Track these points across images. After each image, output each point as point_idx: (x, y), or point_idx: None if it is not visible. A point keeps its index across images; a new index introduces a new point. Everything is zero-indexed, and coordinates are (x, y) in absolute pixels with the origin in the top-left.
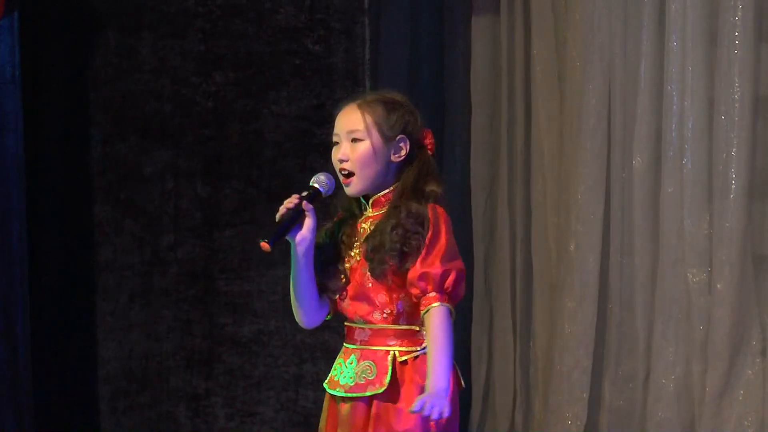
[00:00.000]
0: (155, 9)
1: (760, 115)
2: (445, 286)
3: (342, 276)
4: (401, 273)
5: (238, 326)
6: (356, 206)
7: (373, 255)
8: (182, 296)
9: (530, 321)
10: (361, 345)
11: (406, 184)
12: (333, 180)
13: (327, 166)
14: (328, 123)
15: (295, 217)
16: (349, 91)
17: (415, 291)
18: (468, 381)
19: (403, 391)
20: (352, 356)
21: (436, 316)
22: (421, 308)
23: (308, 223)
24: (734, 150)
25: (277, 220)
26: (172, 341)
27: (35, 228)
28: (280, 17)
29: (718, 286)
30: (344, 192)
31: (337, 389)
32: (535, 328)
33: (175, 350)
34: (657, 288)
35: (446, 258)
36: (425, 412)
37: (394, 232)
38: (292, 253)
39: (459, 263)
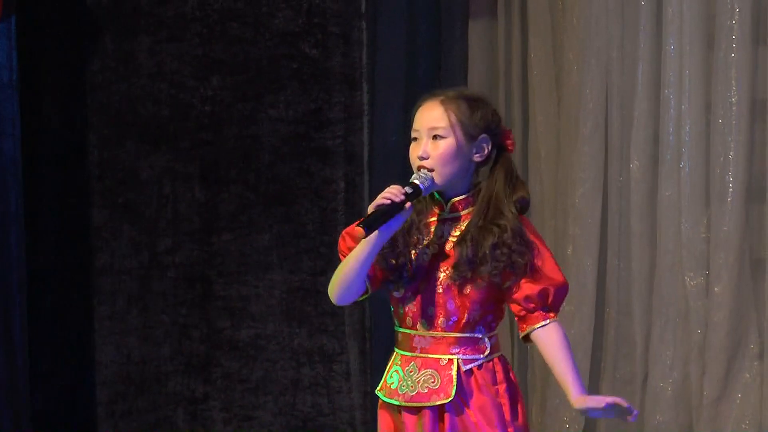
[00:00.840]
0: (153, 13)
1: (757, 118)
2: (560, 301)
3: (409, 271)
4: (493, 284)
5: (236, 330)
6: (426, 200)
7: (467, 267)
8: (180, 300)
9: None
10: (420, 353)
11: (494, 192)
12: (431, 180)
13: (325, 169)
14: (326, 127)
15: (395, 212)
16: (346, 95)
17: (530, 305)
18: None
19: (475, 402)
20: (412, 364)
21: (558, 331)
22: (533, 323)
23: (401, 220)
24: (732, 153)
25: (376, 207)
26: (169, 345)
27: (33, 232)
28: (278, 21)
29: (716, 289)
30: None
31: (395, 398)
32: None
33: (172, 354)
34: (654, 291)
35: (560, 273)
36: (631, 411)
37: (499, 251)
38: (370, 237)
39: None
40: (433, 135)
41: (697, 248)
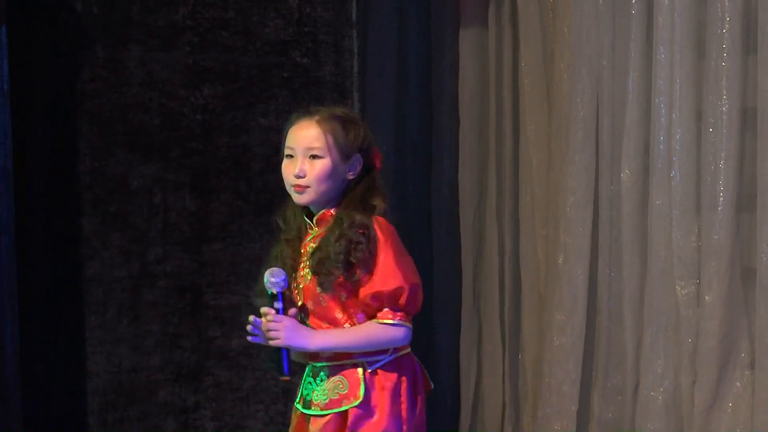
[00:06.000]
0: (143, 22)
1: (748, 127)
2: (399, 303)
3: (296, 297)
4: (350, 284)
5: (227, 339)
6: (303, 225)
7: (320, 268)
8: (171, 310)
9: (519, 333)
10: (327, 362)
11: (352, 199)
12: (283, 273)
13: None
14: None
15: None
16: (337, 104)
17: (369, 311)
18: (457, 393)
19: (375, 398)
20: (321, 374)
21: (380, 325)
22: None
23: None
24: (722, 162)
25: (274, 348)
26: (160, 355)
27: (23, 241)
28: (269, 30)
29: (707, 298)
30: (289, 212)
31: (313, 408)
32: (524, 341)
33: (163, 364)
34: (645, 300)
35: (396, 274)
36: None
37: (338, 243)
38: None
39: (411, 277)
40: (311, 155)
41: (688, 257)
